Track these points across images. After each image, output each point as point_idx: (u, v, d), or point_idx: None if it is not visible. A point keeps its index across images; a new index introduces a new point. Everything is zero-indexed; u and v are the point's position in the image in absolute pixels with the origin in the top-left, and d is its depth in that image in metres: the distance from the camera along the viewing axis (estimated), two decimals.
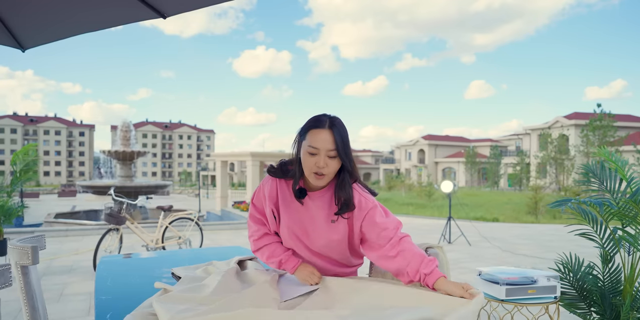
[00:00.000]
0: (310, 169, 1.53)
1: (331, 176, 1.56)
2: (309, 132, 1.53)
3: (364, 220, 1.61)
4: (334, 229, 1.64)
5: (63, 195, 31.66)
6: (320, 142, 1.50)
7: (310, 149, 1.51)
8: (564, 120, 41.89)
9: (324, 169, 1.52)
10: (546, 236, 9.29)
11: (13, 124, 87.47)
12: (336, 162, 1.53)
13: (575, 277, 2.58)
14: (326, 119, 1.54)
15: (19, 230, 9.01)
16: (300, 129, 1.59)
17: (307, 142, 1.53)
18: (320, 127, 1.52)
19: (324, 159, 1.50)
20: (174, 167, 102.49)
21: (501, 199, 25.99)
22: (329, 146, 1.50)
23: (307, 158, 1.53)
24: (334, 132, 1.52)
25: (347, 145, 1.54)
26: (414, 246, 1.59)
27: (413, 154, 64.01)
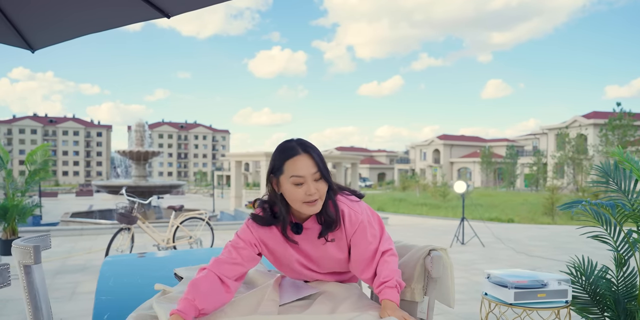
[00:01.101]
0: (301, 199, 1.44)
1: (323, 199, 1.48)
2: (285, 164, 1.44)
3: (354, 235, 1.57)
4: (337, 248, 1.60)
5: (80, 195, 32.18)
6: (303, 169, 1.42)
7: (295, 179, 1.42)
8: (583, 120, 41.18)
9: (316, 195, 1.44)
10: (563, 238, 9.12)
11: (33, 124, 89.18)
12: (323, 183, 1.46)
13: (587, 280, 2.50)
14: (295, 144, 1.47)
15: (35, 229, 9.15)
16: (271, 167, 1.49)
17: (287, 174, 1.43)
18: (296, 154, 1.44)
19: (312, 185, 1.43)
20: (190, 167, 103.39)
21: (517, 199, 25.63)
22: (312, 170, 1.43)
23: (293, 190, 1.43)
24: (311, 154, 1.45)
25: (325, 163, 1.48)
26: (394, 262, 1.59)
27: (428, 154, 63.57)
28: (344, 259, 1.63)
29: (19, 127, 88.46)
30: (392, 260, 1.58)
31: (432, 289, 1.74)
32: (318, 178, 1.45)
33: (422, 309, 1.76)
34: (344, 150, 76.42)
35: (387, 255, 1.58)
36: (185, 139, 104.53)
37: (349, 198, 1.59)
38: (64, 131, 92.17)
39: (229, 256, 1.51)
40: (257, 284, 1.80)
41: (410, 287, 1.75)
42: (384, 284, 1.52)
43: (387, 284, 1.52)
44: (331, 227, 1.52)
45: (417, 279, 1.75)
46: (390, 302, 1.49)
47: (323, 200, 1.49)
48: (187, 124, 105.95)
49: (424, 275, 1.76)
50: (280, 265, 1.66)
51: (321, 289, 1.70)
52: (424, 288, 1.75)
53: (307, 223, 1.56)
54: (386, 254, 1.58)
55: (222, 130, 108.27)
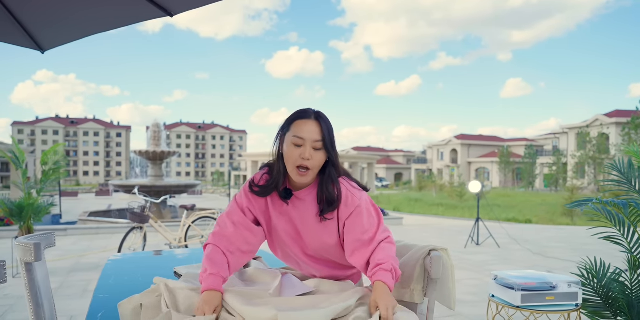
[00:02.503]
0: (294, 161, 1.45)
1: (316, 171, 1.49)
2: (293, 123, 1.47)
3: (349, 218, 1.53)
4: (326, 230, 1.57)
5: (100, 195, 32.68)
6: (307, 132, 1.44)
7: (296, 140, 1.45)
8: (604, 119, 40.31)
9: (309, 162, 1.45)
10: (581, 239, 8.91)
11: (55, 126, 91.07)
12: (322, 154, 1.47)
13: (600, 283, 2.42)
14: (312, 111, 1.49)
15: (53, 228, 9.31)
16: (283, 122, 1.52)
17: (291, 133, 1.46)
18: (306, 117, 1.46)
19: (309, 150, 1.44)
20: (207, 167, 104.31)
21: (535, 199, 25.19)
22: (316, 137, 1.45)
23: (291, 150, 1.45)
24: (321, 123, 1.47)
25: (333, 138, 1.49)
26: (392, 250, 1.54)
27: (445, 154, 62.98)
28: (331, 244, 1.59)
29: (42, 128, 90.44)
30: (389, 248, 1.53)
31: (432, 290, 1.70)
32: (319, 147, 1.45)
33: (421, 311, 1.72)
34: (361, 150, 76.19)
35: (385, 242, 1.54)
36: (202, 139, 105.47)
37: (351, 183, 1.56)
38: (85, 132, 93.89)
39: (223, 226, 1.55)
40: (258, 281, 1.79)
41: (410, 288, 1.71)
42: (378, 266, 1.46)
43: (382, 266, 1.46)
44: (333, 205, 1.50)
45: (417, 280, 1.71)
46: (382, 284, 1.41)
47: (316, 172, 1.49)
48: (205, 125, 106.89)
49: (424, 276, 1.71)
50: (272, 237, 1.65)
51: (318, 288, 1.68)
52: (423, 289, 1.71)
53: (300, 193, 1.54)
54: (384, 241, 1.54)
55: (240, 131, 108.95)
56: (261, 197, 1.56)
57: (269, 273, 1.84)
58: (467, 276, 5.34)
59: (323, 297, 1.50)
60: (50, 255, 6.50)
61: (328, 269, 1.71)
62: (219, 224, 1.57)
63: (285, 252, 1.69)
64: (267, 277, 1.80)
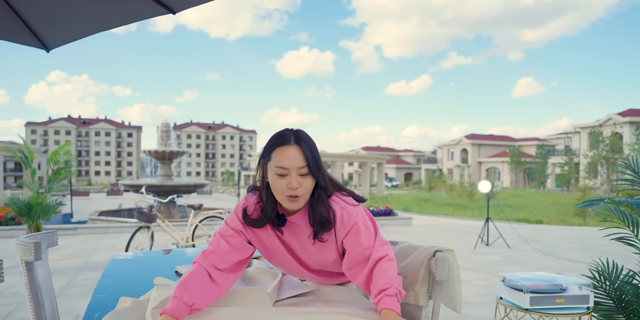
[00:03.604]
0: (282, 192, 1.37)
1: (307, 196, 1.41)
2: (274, 151, 1.38)
3: (346, 237, 1.47)
4: (324, 250, 1.52)
5: (111, 194, 32.96)
6: (289, 160, 1.35)
7: (279, 170, 1.35)
8: (618, 118, 39.78)
9: (298, 190, 1.36)
10: (594, 240, 8.77)
11: (67, 126, 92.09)
12: (309, 180, 1.38)
13: (612, 286, 2.35)
14: (290, 133, 1.40)
15: (63, 227, 9.39)
16: (263, 150, 1.43)
17: (273, 162, 1.37)
18: (286, 143, 1.37)
19: (295, 178, 1.35)
20: (217, 167, 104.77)
21: (547, 200, 24.91)
22: (299, 163, 1.35)
23: (276, 181, 1.36)
24: (302, 146, 1.37)
25: (318, 159, 1.40)
26: (392, 269, 1.46)
27: (456, 154, 62.59)
28: (332, 261, 1.55)
29: (54, 128, 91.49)
30: (390, 266, 1.47)
31: (437, 293, 1.65)
32: (305, 173, 1.37)
33: (426, 314, 1.67)
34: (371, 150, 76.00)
35: (384, 261, 1.47)
36: (213, 139, 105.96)
37: (345, 199, 1.49)
38: (97, 132, 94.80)
39: (217, 245, 1.46)
40: (257, 281, 1.77)
41: (414, 290, 1.66)
42: (383, 292, 1.40)
43: (386, 292, 1.39)
44: (325, 227, 1.44)
45: (422, 282, 1.66)
46: (390, 312, 1.36)
47: (307, 198, 1.41)
48: (215, 125, 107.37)
49: (429, 277, 1.67)
50: (271, 258, 1.60)
51: (318, 289, 1.65)
52: (428, 291, 1.66)
53: (293, 217, 1.47)
54: (382, 260, 1.47)
55: (249, 131, 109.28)
56: (256, 228, 1.49)
57: (269, 273, 1.82)
58: (476, 277, 5.27)
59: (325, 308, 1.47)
60: (59, 254, 6.55)
61: (331, 279, 1.68)
62: (212, 243, 1.48)
63: (284, 266, 1.65)
64: (267, 277, 1.77)
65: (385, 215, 11.79)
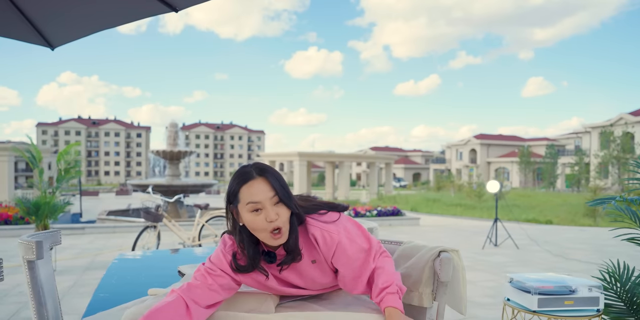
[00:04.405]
0: (264, 228, 1.31)
1: (287, 228, 1.35)
2: (240, 190, 1.32)
3: (334, 257, 1.42)
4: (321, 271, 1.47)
5: (120, 194, 33.19)
6: (258, 193, 1.31)
7: (252, 206, 1.30)
8: (629, 117, 39.32)
9: (278, 221, 1.31)
10: (604, 240, 8.65)
11: (77, 126, 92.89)
12: (284, 209, 1.33)
13: (623, 287, 2.29)
14: (250, 168, 1.36)
15: (72, 226, 9.45)
16: (227, 194, 1.37)
17: (243, 202, 1.32)
18: (250, 179, 1.32)
19: (272, 210, 1.31)
20: (226, 167, 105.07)
21: (556, 200, 24.66)
22: (270, 194, 1.31)
23: (253, 219, 1.31)
24: (267, 177, 1.33)
25: (285, 186, 1.36)
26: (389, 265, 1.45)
27: (464, 154, 62.26)
28: (329, 282, 1.51)
29: (65, 129, 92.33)
30: (387, 263, 1.44)
31: (441, 294, 1.61)
32: (277, 201, 1.32)
33: (430, 315, 1.63)
34: (379, 150, 75.82)
35: (380, 259, 1.44)
36: (221, 139, 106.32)
37: (321, 219, 1.43)
38: (106, 132, 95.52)
39: (204, 281, 1.37)
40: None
41: (419, 291, 1.63)
42: (384, 291, 1.37)
43: (387, 290, 1.37)
44: (291, 257, 1.38)
45: (426, 283, 1.63)
46: (394, 310, 1.34)
47: (288, 228, 1.35)
48: (223, 125, 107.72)
49: (433, 278, 1.63)
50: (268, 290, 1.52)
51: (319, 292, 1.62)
52: (433, 292, 1.63)
53: (280, 250, 1.42)
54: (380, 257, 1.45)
55: (258, 131, 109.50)
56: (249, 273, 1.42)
57: None
58: (483, 278, 5.21)
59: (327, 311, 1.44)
60: (67, 253, 6.58)
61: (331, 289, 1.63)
62: (198, 278, 1.39)
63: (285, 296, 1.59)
64: None
65: (392, 216, 11.74)
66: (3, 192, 18.86)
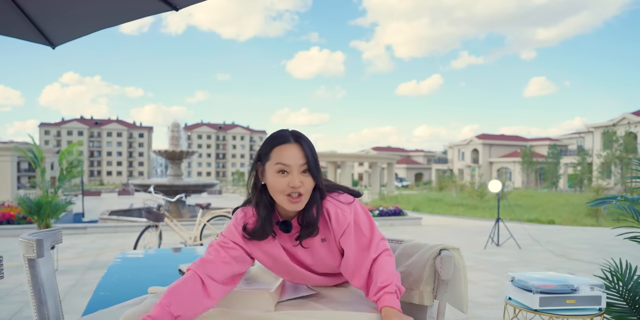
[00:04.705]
0: (282, 190, 1.33)
1: (307, 196, 1.37)
2: (273, 150, 1.35)
3: (342, 236, 1.44)
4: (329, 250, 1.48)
5: (122, 194, 33.22)
6: (291, 157, 1.33)
7: (280, 167, 1.33)
8: (632, 117, 39.22)
9: (301, 189, 1.33)
10: (607, 240, 8.62)
11: (80, 126, 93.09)
12: (310, 179, 1.35)
13: (625, 287, 2.28)
14: (288, 133, 1.38)
15: (74, 226, 9.46)
16: (259, 152, 1.40)
17: (273, 161, 1.34)
18: (286, 142, 1.35)
19: (297, 177, 1.33)
20: (228, 167, 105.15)
21: (559, 200, 24.59)
22: (300, 161, 1.34)
23: (276, 179, 1.33)
24: (302, 145, 1.36)
25: (316, 158, 1.38)
26: (390, 264, 1.43)
27: (466, 154, 62.19)
28: (335, 266, 1.51)
29: (67, 129, 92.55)
30: (387, 262, 1.43)
31: (442, 292, 1.61)
32: (305, 170, 1.35)
33: (431, 314, 1.63)
34: (381, 150, 75.78)
35: (381, 256, 1.44)
36: (223, 139, 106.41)
37: (339, 199, 1.45)
38: (108, 133, 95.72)
39: (217, 255, 1.38)
40: (260, 281, 1.74)
41: (419, 289, 1.62)
42: (382, 290, 1.37)
43: (386, 289, 1.36)
44: (309, 230, 1.39)
45: (427, 281, 1.62)
46: (392, 310, 1.33)
47: (308, 197, 1.37)
48: (225, 125, 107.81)
49: (434, 277, 1.62)
50: (276, 267, 1.54)
51: (320, 291, 1.61)
52: (433, 291, 1.62)
53: (295, 220, 1.43)
54: (380, 256, 1.43)
55: (260, 131, 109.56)
56: (261, 240, 1.43)
57: (272, 273, 1.78)
58: (485, 277, 5.19)
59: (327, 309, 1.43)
60: (69, 253, 6.59)
61: (337, 279, 1.63)
62: (211, 252, 1.41)
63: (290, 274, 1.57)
64: (270, 277, 1.74)
65: (394, 215, 11.72)
66: (5, 192, 18.90)
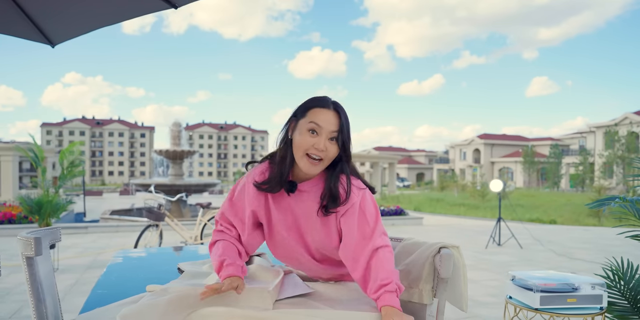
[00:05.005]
0: (305, 148, 1.37)
1: (327, 163, 1.40)
2: (311, 110, 1.39)
3: (345, 215, 1.44)
4: (327, 225, 1.48)
5: (124, 194, 33.25)
6: (324, 121, 1.36)
7: (312, 126, 1.36)
8: (634, 117, 39.13)
9: (323, 153, 1.37)
10: (609, 240, 8.60)
11: (81, 126, 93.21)
12: (336, 147, 1.39)
13: (627, 286, 2.27)
14: (330, 100, 1.42)
15: (75, 225, 9.46)
16: (296, 109, 1.43)
17: (307, 119, 1.38)
18: (325, 107, 1.39)
19: (324, 141, 1.36)
20: (229, 167, 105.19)
21: (560, 200, 24.55)
22: (333, 127, 1.37)
23: (304, 137, 1.37)
24: (340, 113, 1.39)
25: (349, 131, 1.41)
26: (390, 262, 1.41)
27: (468, 154, 62.12)
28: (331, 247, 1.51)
29: (69, 129, 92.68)
30: (388, 259, 1.41)
31: (442, 291, 1.60)
32: (334, 138, 1.38)
33: (431, 312, 1.62)
34: (382, 150, 75.74)
35: (383, 251, 1.41)
36: (225, 139, 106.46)
37: (354, 182, 1.47)
38: (110, 133, 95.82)
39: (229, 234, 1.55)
40: (259, 279, 1.73)
41: (419, 288, 1.61)
42: (383, 288, 1.35)
43: (386, 288, 1.34)
44: (336, 202, 1.41)
45: (426, 280, 1.61)
46: (392, 309, 1.31)
47: (326, 165, 1.41)
48: (227, 125, 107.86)
49: (434, 275, 1.61)
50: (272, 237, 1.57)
51: (318, 289, 1.60)
52: (433, 289, 1.61)
53: (303, 185, 1.46)
54: (381, 249, 1.41)
55: (261, 131, 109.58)
56: (270, 192, 1.46)
57: (271, 271, 1.77)
58: (486, 277, 5.18)
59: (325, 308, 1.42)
60: (69, 252, 6.59)
61: (333, 268, 1.62)
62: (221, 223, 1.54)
63: (286, 250, 1.60)
64: (268, 275, 1.73)
65: (396, 215, 11.71)
66: (7, 192, 18.93)
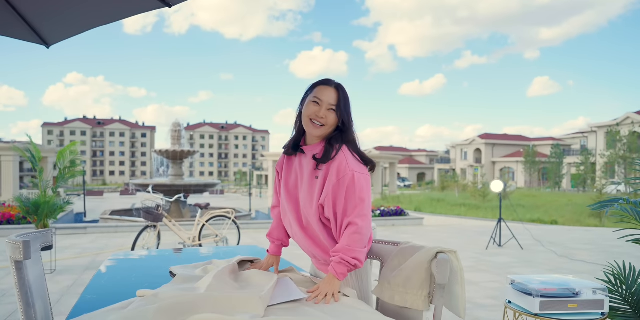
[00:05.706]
0: (309, 115, 1.68)
1: (328, 129, 1.69)
2: (316, 88, 1.71)
3: (335, 185, 1.62)
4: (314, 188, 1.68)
5: (125, 194, 33.23)
6: (325, 95, 1.68)
7: (315, 99, 1.68)
8: (636, 117, 39.02)
9: (323, 120, 1.67)
10: (610, 241, 8.54)
11: (83, 126, 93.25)
12: (334, 116, 1.68)
13: (629, 290, 2.23)
14: (332, 81, 1.73)
15: (73, 226, 9.44)
16: (307, 88, 1.75)
17: (312, 94, 1.70)
18: (328, 84, 1.71)
19: (324, 110, 1.67)
20: (230, 167, 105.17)
21: (562, 200, 24.45)
22: (332, 101, 1.68)
23: (309, 106, 1.69)
24: (339, 91, 1.70)
25: (348, 107, 1.71)
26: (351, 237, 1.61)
27: (469, 154, 62.00)
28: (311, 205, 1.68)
29: (70, 129, 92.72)
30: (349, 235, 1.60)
31: (439, 297, 1.56)
32: (333, 109, 1.67)
33: (427, 319, 1.58)
34: (383, 150, 75.64)
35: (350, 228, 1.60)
36: (225, 139, 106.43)
37: (354, 154, 1.69)
38: (111, 132, 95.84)
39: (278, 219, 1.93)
40: (253, 283, 1.70)
41: (414, 294, 1.58)
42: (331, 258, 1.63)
43: (333, 258, 1.61)
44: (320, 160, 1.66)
45: (422, 285, 1.58)
46: (329, 275, 1.59)
47: (328, 130, 1.69)
48: (228, 125, 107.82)
49: (430, 281, 1.57)
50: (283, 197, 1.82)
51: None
52: (429, 295, 1.57)
53: (306, 148, 1.74)
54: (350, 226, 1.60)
55: (262, 131, 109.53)
56: (287, 155, 1.83)
57: (266, 275, 1.76)
58: (486, 279, 5.13)
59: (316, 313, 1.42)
60: (68, 253, 6.56)
61: (316, 248, 1.76)
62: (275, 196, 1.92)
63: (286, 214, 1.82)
64: (262, 279, 1.71)
65: (396, 216, 11.66)
66: (8, 192, 18.93)
